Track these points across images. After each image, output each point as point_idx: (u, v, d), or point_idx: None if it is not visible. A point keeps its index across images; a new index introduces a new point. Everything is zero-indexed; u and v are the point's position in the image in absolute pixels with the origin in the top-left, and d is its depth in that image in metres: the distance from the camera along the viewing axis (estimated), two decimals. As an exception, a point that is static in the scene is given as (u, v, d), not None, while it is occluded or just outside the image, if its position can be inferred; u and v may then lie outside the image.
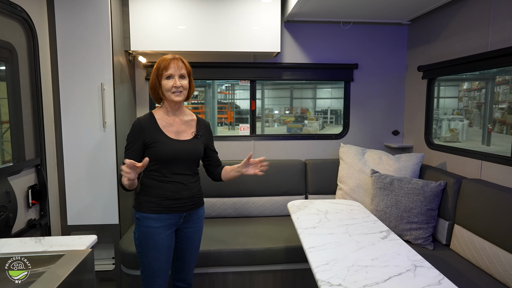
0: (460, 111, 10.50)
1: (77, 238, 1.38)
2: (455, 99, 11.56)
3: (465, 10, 2.53)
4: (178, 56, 1.82)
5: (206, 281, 2.51)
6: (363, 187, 2.88)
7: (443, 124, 10.31)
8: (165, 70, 1.76)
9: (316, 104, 15.48)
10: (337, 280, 1.33)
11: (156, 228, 1.76)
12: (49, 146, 2.41)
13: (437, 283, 1.32)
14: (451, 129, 9.65)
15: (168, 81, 1.77)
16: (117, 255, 2.62)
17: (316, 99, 15.51)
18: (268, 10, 2.84)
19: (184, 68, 1.80)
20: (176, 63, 1.77)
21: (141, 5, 2.74)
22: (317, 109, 15.29)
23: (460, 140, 9.12)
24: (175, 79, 1.77)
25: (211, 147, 1.99)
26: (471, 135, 9.20)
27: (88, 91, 2.49)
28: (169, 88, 1.77)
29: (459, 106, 10.83)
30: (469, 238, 2.20)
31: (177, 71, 1.77)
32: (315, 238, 1.75)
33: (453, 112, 11.02)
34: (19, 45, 2.09)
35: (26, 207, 2.12)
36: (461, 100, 10.57)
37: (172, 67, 1.76)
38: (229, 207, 3.04)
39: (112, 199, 2.58)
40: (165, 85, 1.77)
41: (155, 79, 1.80)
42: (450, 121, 10.26)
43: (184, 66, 1.81)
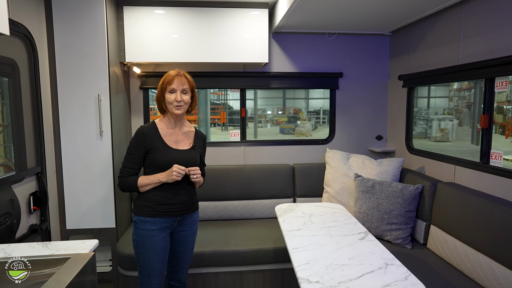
0: (451, 110, 10.71)
1: (80, 243, 1.52)
2: (446, 98, 11.76)
3: (440, 25, 2.71)
4: (182, 72, 1.96)
5: (199, 281, 2.65)
6: (347, 190, 3.04)
7: (434, 124, 10.51)
8: (169, 85, 1.91)
9: (308, 105, 15.62)
10: (315, 278, 1.49)
11: (151, 230, 1.90)
12: (49, 154, 2.53)
13: (404, 279, 1.49)
14: (441, 129, 9.85)
15: (171, 95, 1.92)
16: (114, 257, 2.75)
17: (309, 99, 15.64)
18: (257, 22, 2.99)
19: (187, 84, 1.95)
20: (179, 79, 1.92)
21: (135, 18, 2.88)
22: (309, 109, 15.44)
23: (450, 140, 9.32)
24: (177, 93, 1.92)
25: (202, 160, 2.14)
26: (461, 134, 9.41)
27: (85, 102, 2.62)
28: (171, 102, 1.92)
29: (449, 105, 11.05)
30: (443, 238, 2.37)
31: (180, 86, 1.92)
32: (299, 240, 1.90)
33: (444, 111, 11.22)
34: (21, 60, 2.22)
35: (28, 213, 2.24)
36: (451, 100, 10.78)
37: (175, 82, 1.91)
38: (221, 210, 3.18)
39: (109, 203, 2.71)
40: (168, 99, 1.92)
41: (160, 92, 1.94)
42: (441, 121, 10.46)
43: (187, 81, 1.95)
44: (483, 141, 2.33)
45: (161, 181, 1.88)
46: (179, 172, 1.85)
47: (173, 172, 1.84)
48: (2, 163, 2.30)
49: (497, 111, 7.60)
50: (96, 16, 2.57)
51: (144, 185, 1.90)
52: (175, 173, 1.84)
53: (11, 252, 1.41)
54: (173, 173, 1.84)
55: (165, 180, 1.88)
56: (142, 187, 1.90)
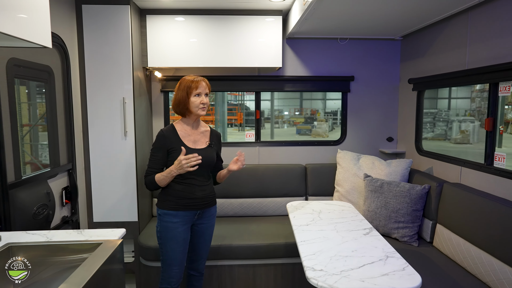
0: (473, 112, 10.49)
1: (110, 231, 1.71)
2: (468, 99, 11.52)
3: (447, 31, 2.80)
4: (203, 77, 2.16)
5: (214, 273, 2.83)
6: (357, 190, 3.16)
7: (454, 126, 10.34)
8: (195, 89, 2.10)
9: (326, 105, 15.57)
10: (320, 267, 1.63)
11: (174, 223, 2.10)
12: (78, 153, 2.76)
13: (402, 270, 1.61)
14: (462, 131, 9.70)
15: (197, 98, 2.10)
16: (136, 249, 2.96)
17: (326, 100, 15.57)
18: (271, 29, 3.15)
19: (207, 88, 2.16)
20: (203, 84, 2.13)
21: (157, 26, 3.08)
22: (327, 110, 15.39)
23: (471, 142, 9.17)
24: (202, 97, 2.11)
25: (219, 156, 2.33)
26: (483, 136, 9.26)
27: (111, 104, 2.84)
28: (197, 104, 2.10)
29: (471, 107, 10.84)
30: (448, 236, 2.47)
31: (204, 90, 2.12)
32: (307, 234, 2.05)
33: (465, 113, 11.01)
34: (56, 67, 2.44)
35: (61, 205, 2.47)
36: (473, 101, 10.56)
37: (201, 86, 2.11)
38: (236, 207, 3.36)
39: (132, 199, 2.93)
40: (194, 102, 2.10)
41: (185, 96, 2.11)
42: (461, 123, 10.29)
43: (207, 86, 2.16)
44: (487, 143, 2.42)
45: (173, 174, 2.01)
46: (188, 161, 1.94)
47: (182, 162, 1.95)
48: (29, 161, 2.50)
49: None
50: (122, 25, 2.79)
51: (161, 180, 2.06)
52: (185, 164, 1.95)
53: (52, 237, 1.61)
54: (183, 165, 1.95)
55: (176, 172, 2.00)
56: (160, 181, 2.07)
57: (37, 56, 2.21)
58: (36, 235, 1.64)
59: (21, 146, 2.14)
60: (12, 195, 1.88)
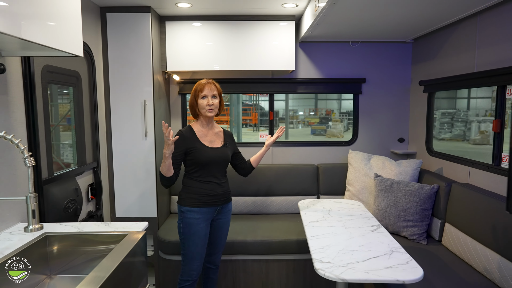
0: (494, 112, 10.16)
1: (134, 224, 1.86)
2: (489, 99, 11.26)
3: (457, 34, 2.86)
4: (211, 80, 2.30)
5: (229, 267, 2.97)
6: (368, 189, 3.25)
7: (473, 126, 10.13)
8: (201, 92, 2.25)
9: (341, 106, 15.50)
10: (327, 259, 1.75)
11: (197, 219, 2.23)
12: (102, 152, 2.94)
13: (405, 263, 1.71)
14: (481, 131, 9.51)
15: (203, 101, 2.25)
16: (155, 243, 3.12)
17: (341, 100, 15.49)
18: (284, 33, 3.27)
19: (216, 90, 2.28)
20: (209, 86, 2.26)
21: (175, 32, 3.24)
22: (342, 110, 15.32)
23: (491, 143, 8.95)
24: (208, 98, 2.25)
25: (236, 151, 2.49)
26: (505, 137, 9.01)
27: (133, 106, 3.01)
28: (204, 106, 2.25)
29: (492, 106, 10.60)
30: (456, 234, 2.54)
31: (210, 92, 2.25)
32: (317, 229, 2.16)
33: (485, 113, 10.77)
34: (83, 72, 2.63)
35: (87, 201, 2.65)
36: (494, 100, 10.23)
37: (206, 89, 2.25)
38: (250, 205, 3.49)
39: (151, 196, 3.09)
40: (201, 104, 2.25)
41: (193, 99, 2.28)
42: (481, 123, 10.06)
43: (215, 88, 2.29)
44: (495, 144, 2.48)
45: (166, 155, 2.04)
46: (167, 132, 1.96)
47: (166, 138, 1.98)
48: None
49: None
50: (143, 32, 2.95)
51: (162, 168, 2.13)
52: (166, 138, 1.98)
53: (82, 228, 1.77)
54: (166, 139, 1.99)
55: (167, 152, 2.03)
56: (162, 170, 2.13)
57: (66, 62, 2.40)
58: (68, 226, 1.81)
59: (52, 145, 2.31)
60: (46, 190, 2.06)
